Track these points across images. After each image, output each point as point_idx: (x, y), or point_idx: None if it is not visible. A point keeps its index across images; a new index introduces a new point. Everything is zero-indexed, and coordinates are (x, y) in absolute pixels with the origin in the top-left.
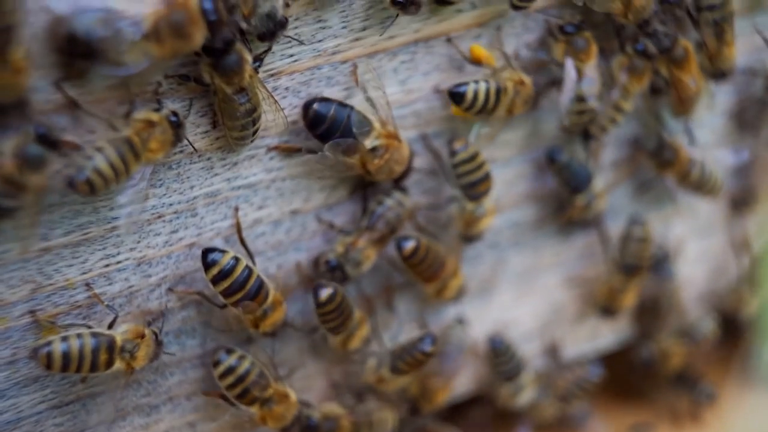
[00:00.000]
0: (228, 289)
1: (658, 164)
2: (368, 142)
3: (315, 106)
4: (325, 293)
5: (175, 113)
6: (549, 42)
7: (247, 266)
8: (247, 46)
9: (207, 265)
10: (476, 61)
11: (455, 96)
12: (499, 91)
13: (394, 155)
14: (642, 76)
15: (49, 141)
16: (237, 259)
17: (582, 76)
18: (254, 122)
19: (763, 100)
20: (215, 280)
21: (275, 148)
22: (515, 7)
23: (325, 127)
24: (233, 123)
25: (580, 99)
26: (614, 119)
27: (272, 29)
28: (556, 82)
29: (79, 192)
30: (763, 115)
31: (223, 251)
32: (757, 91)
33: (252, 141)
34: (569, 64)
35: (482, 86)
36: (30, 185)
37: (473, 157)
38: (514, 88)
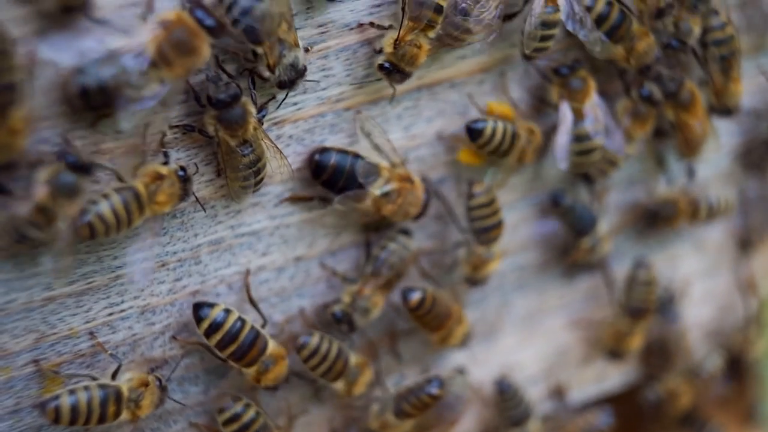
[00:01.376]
0: (221, 341)
1: (662, 222)
2: (377, 189)
3: (316, 156)
4: (307, 340)
5: (183, 168)
6: (545, 86)
7: (240, 317)
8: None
9: (198, 319)
10: (494, 117)
11: (473, 132)
12: (515, 136)
13: (408, 197)
14: (646, 121)
15: (80, 167)
16: (228, 311)
17: (582, 117)
18: (258, 172)
19: None
20: (208, 333)
21: (288, 198)
22: (527, 58)
23: (327, 175)
24: (235, 174)
25: (580, 139)
26: (615, 163)
27: (293, 78)
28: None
29: (79, 235)
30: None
31: (213, 304)
32: (762, 133)
33: (256, 190)
34: (564, 107)
35: (500, 126)
36: (62, 214)
37: (490, 202)
38: (527, 136)
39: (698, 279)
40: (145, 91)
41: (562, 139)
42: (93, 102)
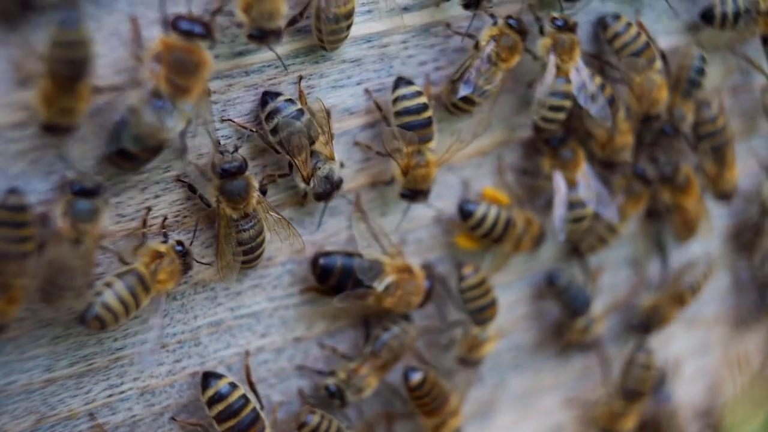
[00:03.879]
0: (222, 413)
1: (656, 328)
2: (379, 285)
3: (321, 261)
4: (309, 419)
5: (180, 242)
6: (536, 158)
7: (244, 395)
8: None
9: (204, 387)
10: (488, 202)
11: (464, 212)
12: (509, 223)
13: (408, 287)
14: (639, 199)
15: (88, 191)
16: (234, 386)
17: (574, 185)
18: (257, 247)
19: (758, 225)
20: (211, 403)
21: (306, 289)
22: (536, 129)
23: (335, 279)
24: (229, 249)
25: (573, 206)
26: (605, 240)
27: (329, 190)
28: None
29: (90, 328)
30: (759, 239)
31: (221, 376)
32: (752, 216)
33: (254, 266)
34: (557, 177)
35: (492, 212)
36: (89, 238)
37: (481, 283)
38: (523, 226)
39: (689, 357)
40: (179, 127)
41: (560, 211)
42: (138, 159)
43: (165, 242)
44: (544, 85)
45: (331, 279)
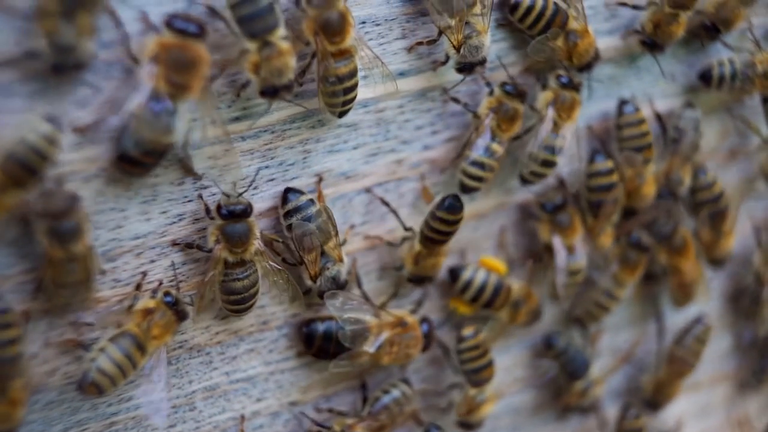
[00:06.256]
0: None
1: (664, 403)
2: (369, 347)
3: (303, 329)
4: None
5: (167, 293)
6: (532, 224)
7: None
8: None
9: None
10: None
11: (452, 273)
12: (499, 289)
13: (404, 340)
14: (635, 268)
15: (63, 212)
16: None
17: (572, 251)
18: (250, 297)
19: (755, 294)
20: None
21: (303, 352)
22: (523, 181)
23: (317, 345)
24: (208, 293)
25: (572, 273)
26: (605, 307)
27: (333, 290)
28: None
29: (88, 395)
30: (758, 308)
31: None
32: (749, 283)
33: (247, 312)
34: (557, 243)
35: (480, 276)
36: (80, 252)
37: (479, 345)
38: (520, 296)
39: (691, 419)
40: (182, 128)
41: (560, 279)
42: (144, 165)
43: (154, 296)
44: (538, 139)
45: (314, 344)
